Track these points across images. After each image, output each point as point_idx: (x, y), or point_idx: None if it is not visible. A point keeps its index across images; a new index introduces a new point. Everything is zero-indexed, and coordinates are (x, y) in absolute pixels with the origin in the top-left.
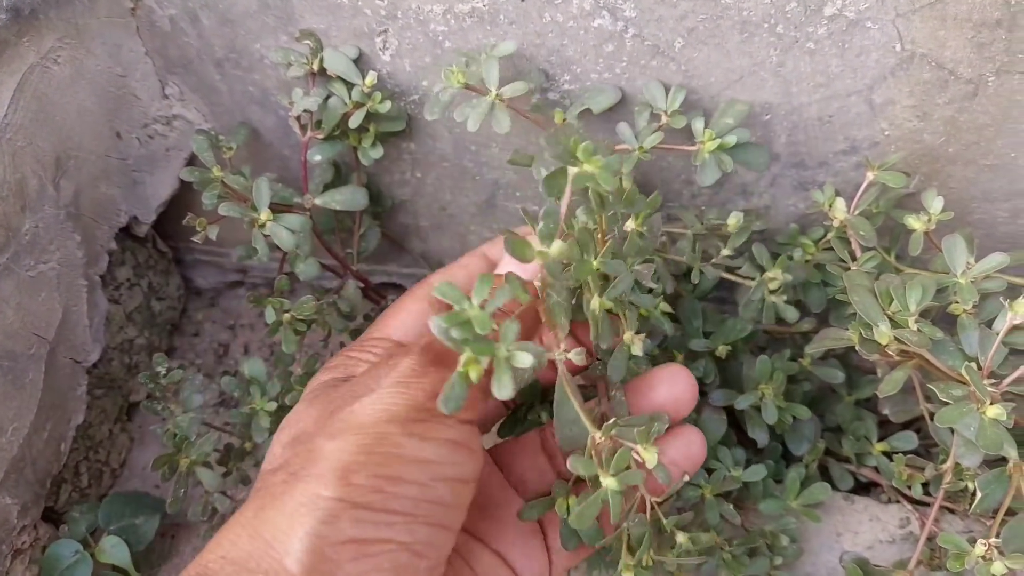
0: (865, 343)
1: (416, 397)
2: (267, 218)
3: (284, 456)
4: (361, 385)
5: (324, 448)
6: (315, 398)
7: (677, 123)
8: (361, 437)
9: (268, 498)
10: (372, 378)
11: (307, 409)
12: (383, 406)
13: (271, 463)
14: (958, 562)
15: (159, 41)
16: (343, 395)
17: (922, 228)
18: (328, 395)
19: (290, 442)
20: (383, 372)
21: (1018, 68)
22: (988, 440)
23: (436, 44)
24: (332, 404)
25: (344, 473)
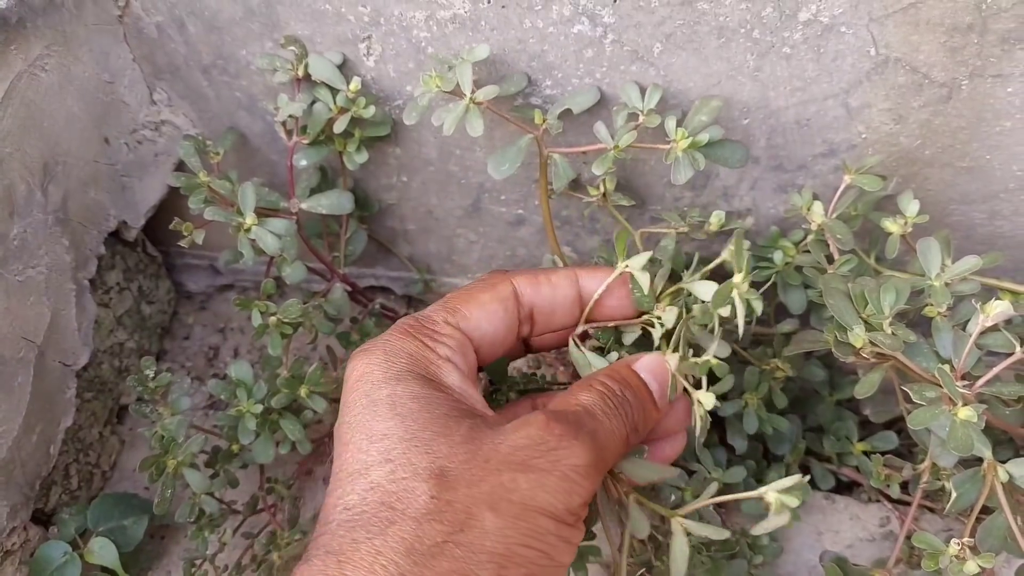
0: (840, 346)
1: (576, 501)
2: (252, 222)
3: (430, 495)
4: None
5: (487, 523)
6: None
7: (652, 122)
8: (525, 525)
9: (425, 554)
10: (536, 450)
11: (450, 440)
12: (549, 499)
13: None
14: (932, 561)
15: (147, 48)
16: (495, 448)
17: (899, 231)
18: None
19: (435, 476)
20: (551, 451)
21: (990, 72)
22: (958, 441)
23: (419, 50)
24: (478, 451)
25: (503, 562)
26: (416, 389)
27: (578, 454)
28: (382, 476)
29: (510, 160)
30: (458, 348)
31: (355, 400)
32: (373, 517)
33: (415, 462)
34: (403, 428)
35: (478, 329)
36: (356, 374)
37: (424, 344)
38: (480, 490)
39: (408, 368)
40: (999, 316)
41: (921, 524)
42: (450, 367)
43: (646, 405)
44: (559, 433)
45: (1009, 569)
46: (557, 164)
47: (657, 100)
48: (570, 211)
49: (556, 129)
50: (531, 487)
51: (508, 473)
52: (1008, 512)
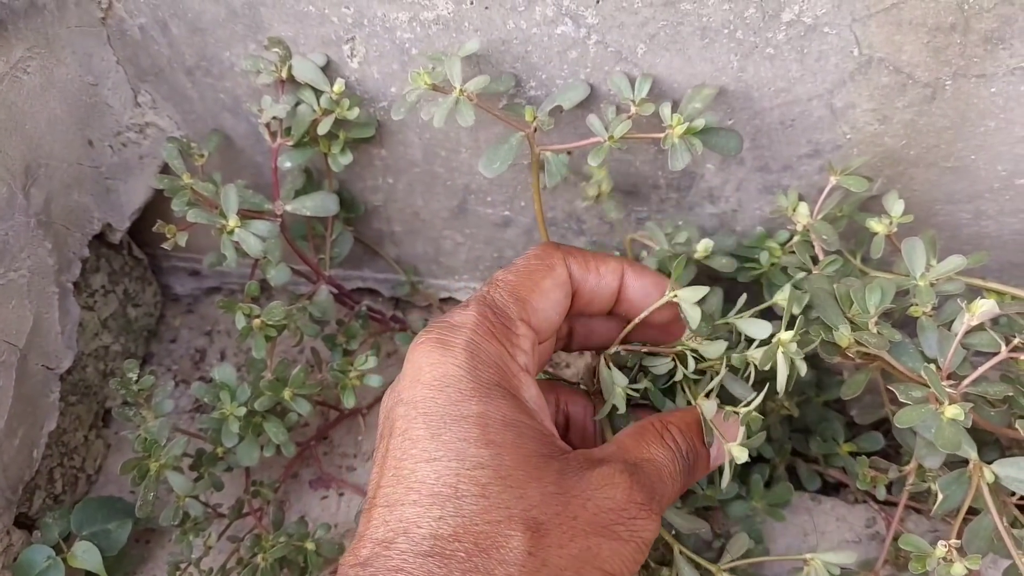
0: (825, 346)
1: (636, 569)
2: (235, 224)
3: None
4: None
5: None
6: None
7: (645, 110)
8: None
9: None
10: (619, 517)
11: (542, 485)
12: (622, 567)
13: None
14: (919, 563)
15: (130, 50)
16: (583, 505)
17: (884, 231)
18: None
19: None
20: (632, 520)
21: (974, 71)
22: (946, 440)
23: (403, 51)
24: (568, 504)
25: None
26: (506, 412)
27: (653, 528)
28: (476, 512)
29: (501, 158)
30: (531, 352)
31: (440, 406)
32: (465, 559)
33: (510, 506)
34: (498, 462)
35: (545, 322)
36: (439, 372)
37: (506, 350)
38: (570, 552)
39: (496, 381)
40: (984, 315)
41: (907, 525)
42: (528, 380)
43: (703, 466)
44: (640, 502)
45: (996, 570)
46: (549, 161)
47: (648, 88)
48: (556, 212)
49: (547, 125)
50: (611, 556)
51: (595, 538)
52: (994, 513)
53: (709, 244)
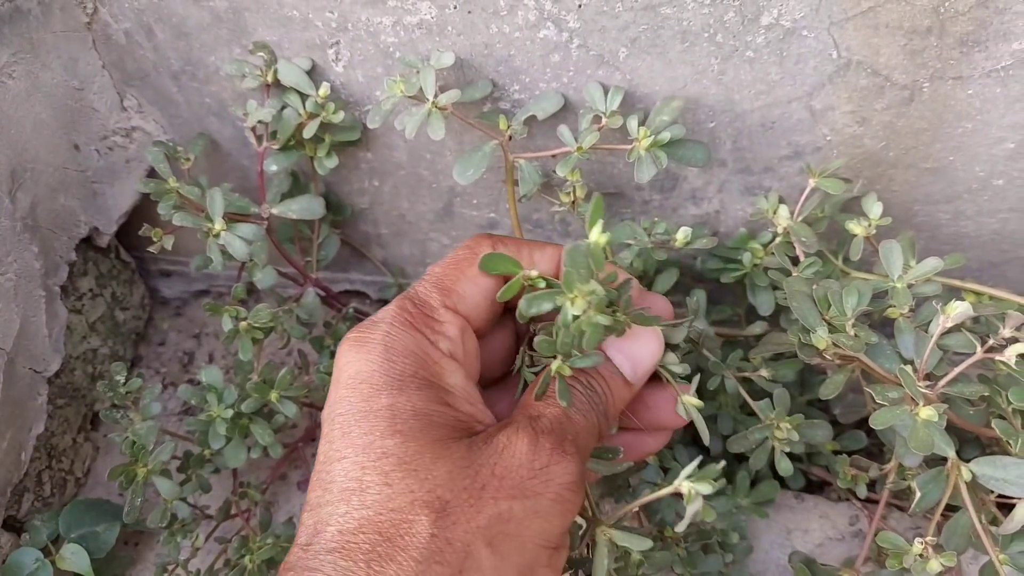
0: (804, 348)
1: (567, 521)
2: (221, 228)
3: (430, 531)
4: (513, 472)
5: (484, 563)
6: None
7: (614, 123)
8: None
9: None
10: (527, 471)
11: (452, 467)
12: (543, 525)
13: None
14: (896, 560)
15: (115, 54)
16: (492, 472)
17: (863, 233)
18: (474, 454)
19: (435, 509)
20: (542, 470)
21: (950, 74)
22: (919, 441)
23: (387, 55)
24: (476, 476)
25: None
26: (417, 402)
27: (570, 470)
28: (380, 500)
29: (475, 166)
30: (458, 338)
31: (352, 403)
32: (370, 548)
33: (414, 490)
34: (403, 449)
35: (475, 308)
36: (352, 370)
37: (426, 338)
38: (478, 523)
39: (412, 372)
40: (959, 317)
41: (889, 523)
42: (452, 365)
43: (618, 390)
44: (549, 447)
45: (976, 565)
46: (523, 169)
47: (619, 101)
48: (541, 214)
49: (520, 134)
50: (526, 514)
51: (505, 502)
52: (972, 510)
53: (688, 231)
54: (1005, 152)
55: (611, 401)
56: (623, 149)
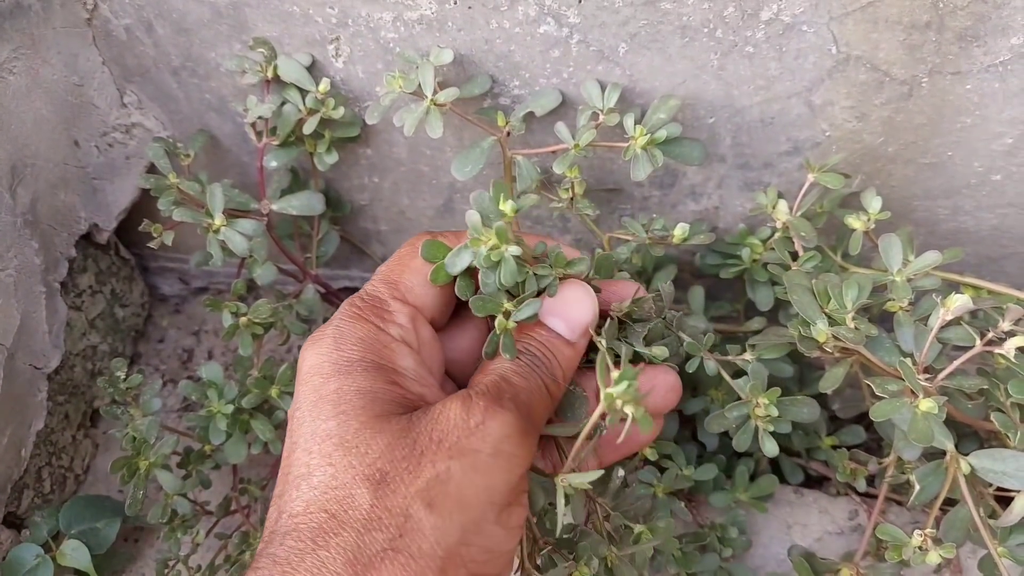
0: (804, 341)
1: (513, 476)
2: (221, 223)
3: (370, 503)
4: (454, 431)
5: (424, 523)
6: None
7: (611, 120)
8: (462, 519)
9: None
10: (463, 430)
11: (390, 440)
12: (485, 481)
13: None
14: (896, 552)
15: (116, 50)
16: (432, 436)
17: (862, 228)
18: (412, 426)
19: (374, 482)
20: (477, 427)
21: (949, 69)
22: (919, 433)
23: (387, 51)
24: (415, 444)
25: (444, 564)
26: (362, 382)
27: (507, 421)
28: (324, 481)
29: (473, 162)
30: (409, 325)
31: (304, 395)
32: (317, 527)
33: (355, 465)
34: (346, 428)
35: (423, 297)
36: (306, 366)
37: (376, 326)
38: (417, 487)
39: (359, 357)
40: (959, 310)
41: (888, 517)
42: (404, 350)
43: (559, 349)
44: (483, 405)
45: (975, 558)
46: (521, 166)
47: (616, 98)
48: (541, 210)
49: (519, 131)
50: (465, 472)
51: (442, 463)
52: (971, 503)
53: (685, 227)
54: (1003, 147)
55: (554, 361)
56: (621, 146)
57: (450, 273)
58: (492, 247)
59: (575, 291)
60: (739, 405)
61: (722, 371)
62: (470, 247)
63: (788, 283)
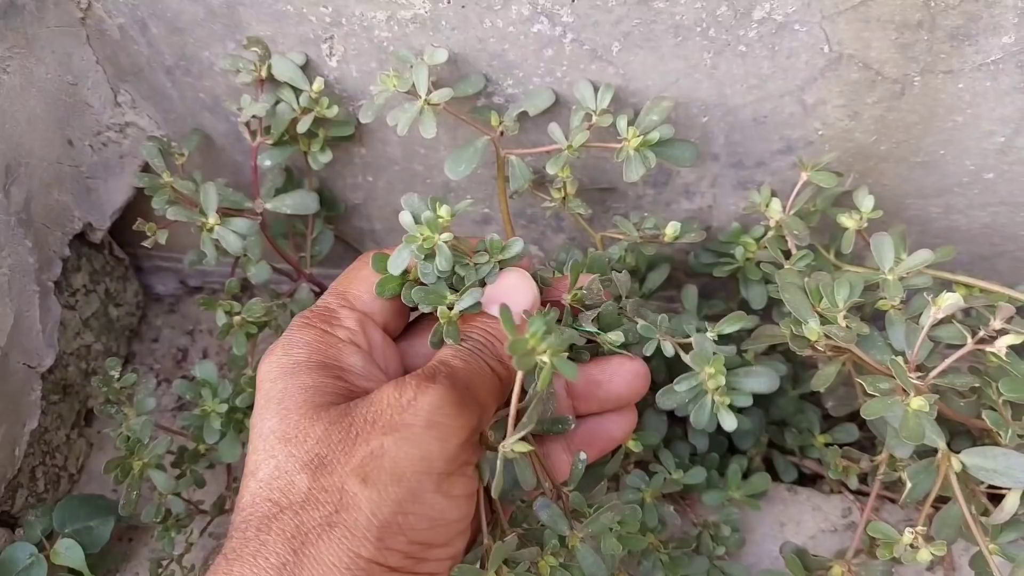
0: (796, 339)
1: (451, 444)
2: (215, 222)
3: (308, 486)
4: (388, 410)
5: (359, 497)
6: (327, 410)
7: (604, 121)
8: (398, 490)
9: (300, 536)
10: (397, 404)
11: (327, 428)
12: (419, 452)
13: (291, 486)
14: (887, 550)
15: (109, 49)
16: (369, 418)
17: (854, 226)
18: (349, 413)
19: (312, 467)
20: (409, 404)
21: (941, 68)
22: (910, 431)
23: (381, 50)
24: (351, 427)
25: (382, 534)
26: (306, 379)
27: (438, 393)
28: (268, 473)
29: (466, 161)
30: (358, 327)
31: (256, 401)
32: (261, 515)
33: (295, 454)
34: (287, 422)
35: (373, 304)
36: (259, 374)
37: (323, 331)
38: (351, 465)
39: (306, 357)
40: (950, 308)
41: (882, 515)
42: (352, 348)
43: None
44: (415, 384)
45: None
46: (514, 166)
47: (609, 99)
48: (535, 209)
49: (512, 131)
50: (399, 446)
51: (376, 440)
52: (962, 501)
53: (677, 226)
54: (995, 146)
55: (498, 345)
56: (614, 147)
57: (393, 274)
58: (425, 238)
59: (513, 277)
60: (688, 377)
61: (680, 351)
62: (407, 244)
63: (780, 282)
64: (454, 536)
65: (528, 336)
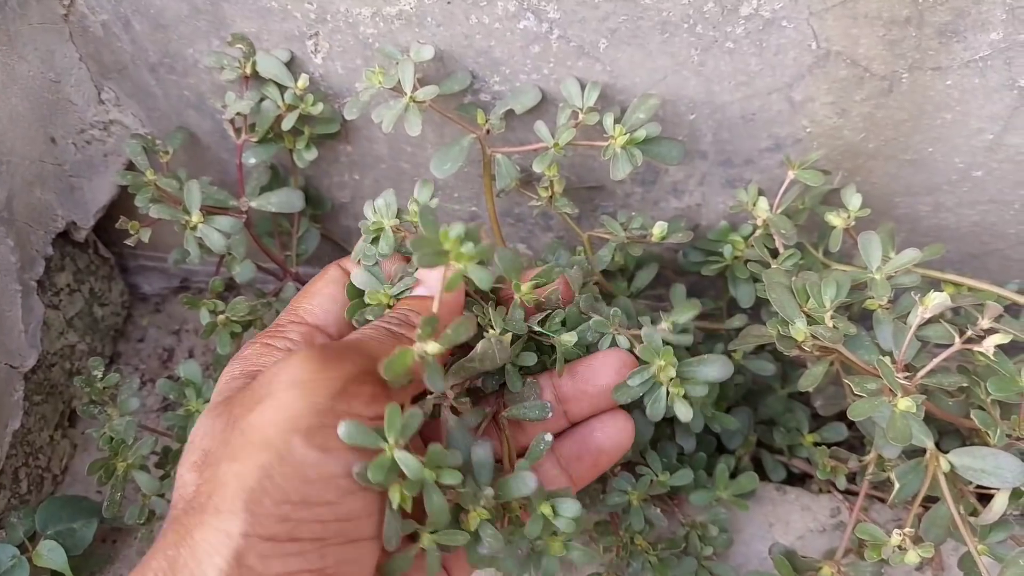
0: (783, 340)
1: (316, 398)
2: (198, 220)
3: (195, 483)
4: (259, 387)
5: (227, 474)
6: (217, 405)
7: (590, 119)
8: (262, 456)
9: (182, 533)
10: (267, 379)
11: (212, 422)
12: (284, 414)
13: (183, 488)
14: (875, 552)
15: (93, 47)
16: (244, 400)
17: (842, 225)
18: (231, 401)
19: (199, 463)
20: (275, 376)
21: (929, 64)
22: (897, 432)
23: (366, 46)
24: (233, 413)
25: (248, 504)
26: (235, 388)
27: (299, 356)
28: (178, 486)
29: (452, 160)
30: (301, 339)
31: None
32: (172, 519)
33: (189, 457)
34: (198, 432)
35: (326, 314)
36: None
37: (265, 344)
38: (226, 450)
39: (239, 372)
40: (937, 308)
41: (871, 514)
42: (283, 353)
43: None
44: (280, 357)
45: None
46: (500, 164)
47: (596, 97)
48: (523, 208)
49: (498, 129)
50: (264, 414)
51: (245, 419)
52: (950, 501)
53: (664, 226)
54: (984, 143)
55: (412, 317)
56: (600, 145)
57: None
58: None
59: None
60: (640, 371)
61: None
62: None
63: (767, 281)
64: (339, 493)
65: (441, 234)
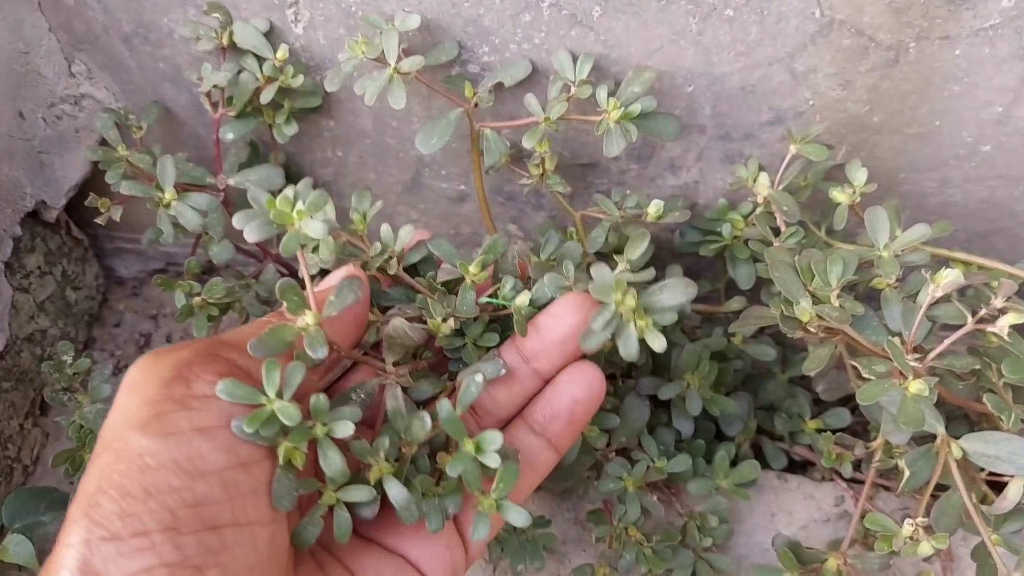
0: (786, 321)
1: (147, 392)
2: (172, 197)
3: None
4: None
5: (86, 486)
6: None
7: (583, 92)
8: (101, 459)
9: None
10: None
11: None
12: (119, 415)
13: None
14: (886, 543)
15: (63, 16)
16: None
17: (847, 201)
18: None
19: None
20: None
21: (937, 34)
22: (909, 416)
23: (349, 15)
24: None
25: (87, 510)
26: None
27: (137, 363)
28: None
29: (439, 135)
30: None
31: None
32: None
33: None
34: None
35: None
36: None
37: None
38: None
39: None
40: (949, 286)
41: (876, 503)
42: None
43: None
44: None
45: (967, 547)
46: (489, 139)
47: (589, 70)
48: (515, 186)
49: (487, 102)
50: (104, 424)
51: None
52: (963, 489)
53: (660, 204)
54: (993, 116)
55: None
56: (594, 120)
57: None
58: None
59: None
60: (601, 311)
61: None
62: None
63: (770, 260)
64: (185, 478)
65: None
